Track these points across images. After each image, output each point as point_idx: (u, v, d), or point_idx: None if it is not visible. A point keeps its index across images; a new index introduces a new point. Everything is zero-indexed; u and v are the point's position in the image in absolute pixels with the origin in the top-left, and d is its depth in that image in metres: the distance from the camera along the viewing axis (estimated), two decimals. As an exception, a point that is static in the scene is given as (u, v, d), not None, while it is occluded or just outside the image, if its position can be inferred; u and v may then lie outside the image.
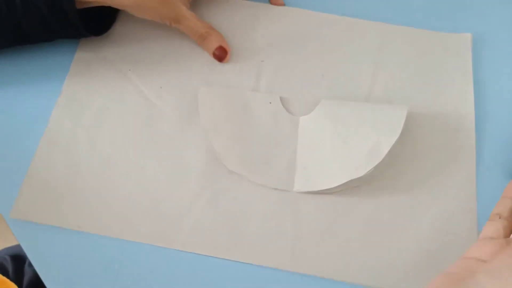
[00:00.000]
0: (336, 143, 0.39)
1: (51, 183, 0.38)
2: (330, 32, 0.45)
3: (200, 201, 0.38)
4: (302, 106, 0.41)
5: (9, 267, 0.50)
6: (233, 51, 0.43)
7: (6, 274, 0.49)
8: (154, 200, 0.38)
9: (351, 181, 0.37)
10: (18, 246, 0.45)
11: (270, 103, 0.41)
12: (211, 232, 0.37)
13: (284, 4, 0.46)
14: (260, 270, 0.36)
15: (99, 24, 0.42)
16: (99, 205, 0.38)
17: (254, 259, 0.36)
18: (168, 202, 0.38)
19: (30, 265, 0.50)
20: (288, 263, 0.36)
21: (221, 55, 0.42)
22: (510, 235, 0.31)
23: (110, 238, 0.37)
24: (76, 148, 0.40)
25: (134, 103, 0.41)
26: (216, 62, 0.43)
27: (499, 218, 0.32)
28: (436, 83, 0.43)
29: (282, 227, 0.37)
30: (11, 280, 0.45)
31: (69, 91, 0.42)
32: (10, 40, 0.40)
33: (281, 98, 0.41)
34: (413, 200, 0.38)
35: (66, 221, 0.37)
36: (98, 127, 0.40)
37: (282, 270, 0.36)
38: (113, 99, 0.41)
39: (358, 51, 0.44)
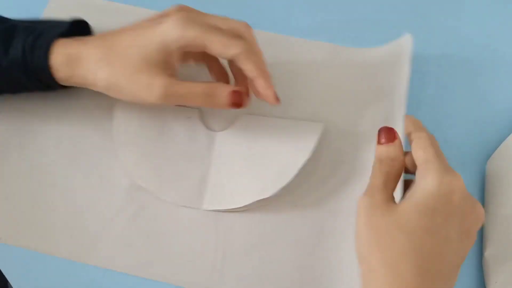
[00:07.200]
0: (248, 161, 0.38)
1: None
2: (290, 55, 0.44)
3: (122, 216, 0.38)
4: (222, 121, 0.41)
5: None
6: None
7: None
8: (77, 212, 0.38)
9: (258, 201, 0.37)
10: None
11: (189, 117, 0.40)
12: (130, 249, 0.37)
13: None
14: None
15: None
16: (21, 214, 0.38)
17: (173, 279, 0.36)
18: (90, 215, 0.38)
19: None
20: (207, 284, 0.36)
21: (238, 101, 0.36)
22: None
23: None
24: (7, 152, 0.40)
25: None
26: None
27: None
28: (371, 103, 0.41)
29: (205, 246, 0.37)
30: None
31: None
32: None
33: (201, 113, 0.41)
34: (326, 216, 0.38)
35: None
36: (32, 132, 0.40)
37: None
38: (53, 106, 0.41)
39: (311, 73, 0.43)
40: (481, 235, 0.38)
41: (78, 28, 0.39)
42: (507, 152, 0.39)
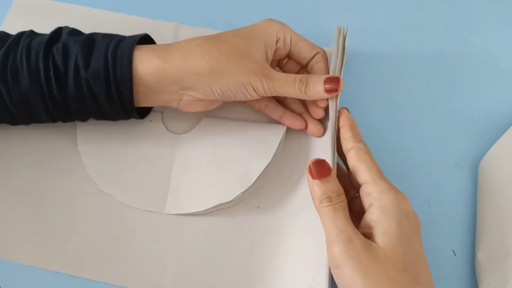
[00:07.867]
0: (211, 165, 0.38)
1: None
2: None
3: (87, 221, 0.37)
4: (185, 124, 0.40)
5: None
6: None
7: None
8: (42, 218, 0.37)
9: (220, 204, 0.37)
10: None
11: (151, 121, 0.40)
12: (95, 255, 0.36)
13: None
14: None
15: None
16: None
17: (135, 283, 0.36)
18: (55, 220, 0.37)
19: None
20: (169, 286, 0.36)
21: (333, 87, 0.35)
22: None
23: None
24: None
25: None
26: None
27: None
28: None
29: (165, 250, 0.37)
30: None
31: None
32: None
33: (163, 116, 0.40)
34: (289, 218, 0.37)
35: None
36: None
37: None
38: None
39: None
40: (474, 236, 0.38)
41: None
42: (500, 154, 0.39)
